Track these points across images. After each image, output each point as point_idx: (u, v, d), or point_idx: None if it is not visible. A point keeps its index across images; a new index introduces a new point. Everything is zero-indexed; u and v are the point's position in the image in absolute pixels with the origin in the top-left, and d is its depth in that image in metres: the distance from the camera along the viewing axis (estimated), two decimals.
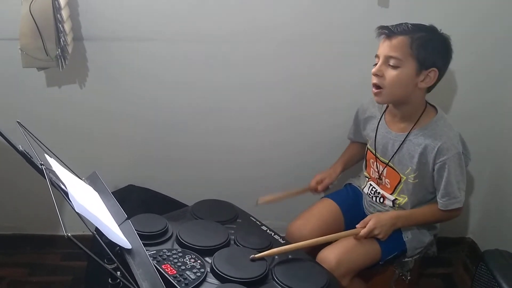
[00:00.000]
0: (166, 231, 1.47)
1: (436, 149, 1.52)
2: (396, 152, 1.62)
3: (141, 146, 2.00)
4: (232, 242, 1.49)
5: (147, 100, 1.91)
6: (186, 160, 2.03)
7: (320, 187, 1.79)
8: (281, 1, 1.76)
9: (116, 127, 1.95)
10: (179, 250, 1.39)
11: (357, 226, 1.58)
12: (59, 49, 1.63)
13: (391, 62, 1.48)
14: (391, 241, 1.60)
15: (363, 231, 1.55)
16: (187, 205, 1.76)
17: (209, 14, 1.77)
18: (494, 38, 1.84)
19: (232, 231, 1.54)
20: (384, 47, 1.50)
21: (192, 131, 1.97)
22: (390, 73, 1.49)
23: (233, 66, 1.87)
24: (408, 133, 1.59)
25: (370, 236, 1.56)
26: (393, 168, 1.65)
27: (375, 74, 1.51)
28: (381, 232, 1.56)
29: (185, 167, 2.04)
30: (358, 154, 1.87)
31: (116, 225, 1.13)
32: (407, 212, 1.65)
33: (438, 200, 1.58)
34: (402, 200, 1.65)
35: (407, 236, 1.63)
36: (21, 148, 1.00)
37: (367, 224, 1.56)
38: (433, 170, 1.56)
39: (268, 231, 1.59)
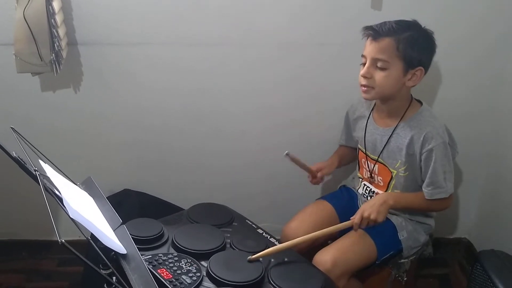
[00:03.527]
0: (161, 235, 1.47)
1: (421, 138, 1.55)
2: (384, 146, 1.64)
3: (136, 150, 1.99)
4: (228, 245, 1.49)
5: (142, 104, 1.91)
6: (182, 164, 2.03)
7: (320, 174, 1.78)
8: (274, 5, 1.77)
9: (111, 131, 1.95)
10: (175, 254, 1.39)
11: (350, 218, 1.59)
12: (53, 54, 1.62)
13: (379, 64, 1.51)
14: (387, 240, 1.61)
15: (356, 218, 1.55)
16: (183, 209, 1.76)
17: (203, 18, 1.78)
18: (490, 41, 1.85)
19: (228, 235, 1.54)
20: (371, 49, 1.52)
21: (187, 135, 1.97)
22: (379, 75, 1.52)
23: (227, 69, 1.87)
24: (395, 127, 1.61)
25: (364, 221, 1.54)
26: (383, 164, 1.67)
27: (364, 76, 1.54)
28: (372, 211, 1.54)
29: (180, 171, 2.04)
30: (349, 155, 1.88)
31: (111, 230, 1.13)
32: (396, 193, 1.66)
33: (423, 189, 1.60)
34: None
35: (402, 235, 1.64)
36: (14, 155, 1.00)
37: None
38: (420, 160, 1.58)
39: (264, 234, 1.59)
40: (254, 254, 1.41)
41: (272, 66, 1.87)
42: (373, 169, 1.71)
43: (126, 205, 1.89)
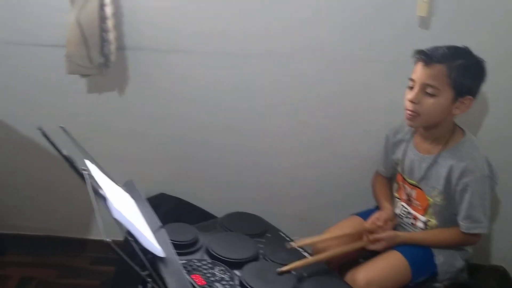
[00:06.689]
0: (196, 241, 1.48)
1: (460, 170, 1.52)
2: (422, 174, 1.61)
3: (175, 155, 2.01)
4: (261, 256, 1.49)
5: (184, 112, 1.93)
6: (218, 173, 2.04)
7: (390, 225, 1.67)
8: (316, 20, 1.78)
9: (152, 135, 1.98)
10: (209, 261, 1.40)
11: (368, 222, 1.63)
12: (102, 58, 1.67)
13: (428, 90, 1.49)
14: (422, 264, 1.58)
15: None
16: (217, 217, 1.77)
17: (250, 30, 1.80)
18: None
19: (261, 245, 1.54)
20: (422, 74, 1.49)
21: (226, 147, 1.99)
22: (427, 101, 1.50)
23: (272, 81, 1.88)
24: (435, 155, 1.59)
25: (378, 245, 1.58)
26: (421, 190, 1.64)
27: (412, 101, 1.51)
28: (383, 246, 1.58)
29: (216, 180, 2.05)
30: (389, 187, 1.85)
31: (151, 233, 1.15)
32: (410, 234, 1.65)
33: (459, 222, 1.57)
34: (434, 221, 1.63)
35: (439, 260, 1.60)
36: (65, 153, 1.02)
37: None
38: (456, 191, 1.55)
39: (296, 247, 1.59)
40: (284, 266, 1.41)
41: (311, 81, 1.87)
42: (410, 193, 1.68)
43: (161, 209, 1.91)
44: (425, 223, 1.66)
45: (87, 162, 1.15)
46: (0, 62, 1.88)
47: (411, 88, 1.53)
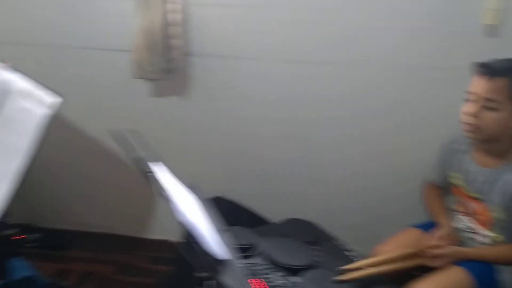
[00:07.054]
0: (253, 246, 1.49)
1: None
2: (484, 188, 1.56)
3: (232, 159, 2.05)
4: (317, 264, 1.48)
5: (243, 117, 1.97)
6: (275, 178, 2.06)
7: (449, 243, 1.62)
8: (380, 26, 1.77)
9: (211, 140, 2.03)
10: (267, 266, 1.41)
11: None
12: (167, 63, 1.72)
13: (489, 104, 1.44)
14: (487, 280, 1.52)
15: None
16: (272, 221, 1.77)
17: (309, 37, 1.81)
18: None
19: (317, 253, 1.54)
20: (483, 87, 1.45)
21: (284, 154, 2.01)
22: (487, 115, 1.45)
23: (330, 92, 1.89)
24: (495, 169, 1.53)
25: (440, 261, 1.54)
26: (482, 203, 1.58)
27: (472, 115, 1.47)
28: (444, 263, 1.53)
29: (271, 184, 2.07)
30: (442, 199, 1.79)
31: (214, 235, 1.17)
32: (473, 250, 1.59)
33: None
34: (498, 236, 1.57)
35: (504, 277, 1.54)
36: (135, 155, 1.06)
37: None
38: None
39: (352, 256, 1.57)
40: (342, 275, 1.40)
41: (375, 89, 1.87)
42: (471, 206, 1.63)
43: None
44: (487, 237, 1.60)
45: (154, 164, 1.19)
46: (69, 66, 1.98)
47: (469, 100, 1.48)
